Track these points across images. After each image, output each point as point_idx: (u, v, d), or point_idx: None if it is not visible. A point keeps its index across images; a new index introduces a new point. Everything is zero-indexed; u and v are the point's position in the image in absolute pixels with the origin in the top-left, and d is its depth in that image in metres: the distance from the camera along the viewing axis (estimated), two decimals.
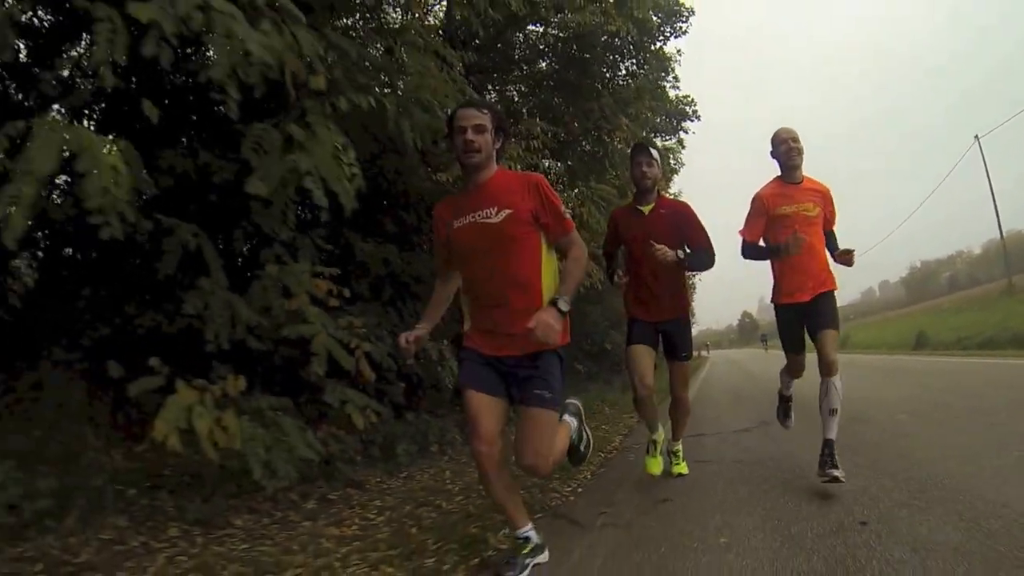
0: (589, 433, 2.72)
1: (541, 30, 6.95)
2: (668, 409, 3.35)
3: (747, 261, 3.07)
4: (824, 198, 3.01)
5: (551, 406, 2.04)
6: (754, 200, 3.03)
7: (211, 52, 2.04)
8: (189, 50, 3.24)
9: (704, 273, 26.57)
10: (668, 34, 7.70)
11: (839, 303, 3.10)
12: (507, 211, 2.00)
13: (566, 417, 2.51)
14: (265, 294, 3.00)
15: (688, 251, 2.92)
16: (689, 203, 3.31)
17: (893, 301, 77.10)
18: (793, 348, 3.16)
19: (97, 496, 2.71)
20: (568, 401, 2.65)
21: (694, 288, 27.01)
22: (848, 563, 1.76)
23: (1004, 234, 24.09)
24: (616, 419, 6.28)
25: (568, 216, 2.15)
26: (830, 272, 3.02)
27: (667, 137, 9.11)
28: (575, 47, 6.48)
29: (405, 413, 4.86)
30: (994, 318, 15.97)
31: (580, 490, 3.22)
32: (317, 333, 2.90)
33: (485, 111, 2.07)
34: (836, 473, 2.52)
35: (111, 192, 1.80)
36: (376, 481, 3.83)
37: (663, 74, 8.02)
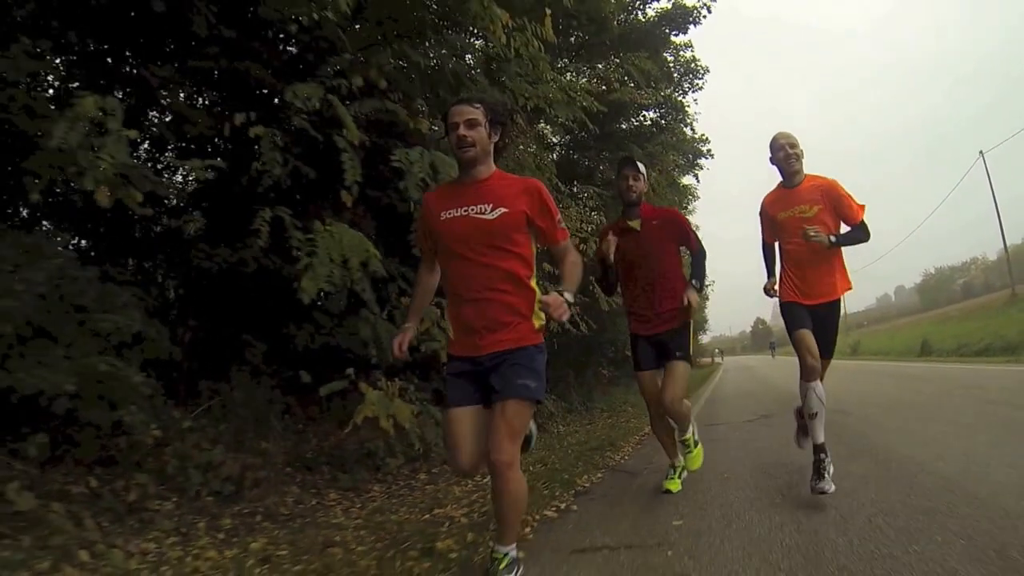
0: (534, 427, 2.65)
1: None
2: (648, 429, 3.48)
3: (760, 265, 3.22)
4: (827, 193, 2.89)
5: (530, 396, 2.00)
6: (760, 209, 3.12)
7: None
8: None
9: (719, 280, 27.03)
10: (686, 88, 8.97)
11: (855, 308, 3.67)
12: (502, 209, 1.99)
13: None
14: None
15: (695, 283, 3.02)
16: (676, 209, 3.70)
17: (908, 307, 77.17)
18: (797, 324, 2.88)
19: (276, 471, 3.70)
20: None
21: (707, 298, 28.04)
22: (799, 482, 3.01)
23: (1022, 241, 24.88)
24: (641, 415, 7.49)
25: (564, 226, 2.16)
26: (836, 278, 2.94)
27: (686, 173, 10.31)
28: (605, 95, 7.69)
29: None
30: (994, 326, 16.76)
31: (627, 458, 4.49)
32: (443, 347, 4.17)
33: (477, 105, 2.05)
34: (826, 487, 2.59)
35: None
36: (440, 473, 5.03)
37: (682, 125, 9.23)
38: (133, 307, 3.10)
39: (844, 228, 2.94)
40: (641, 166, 3.06)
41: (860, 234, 2.91)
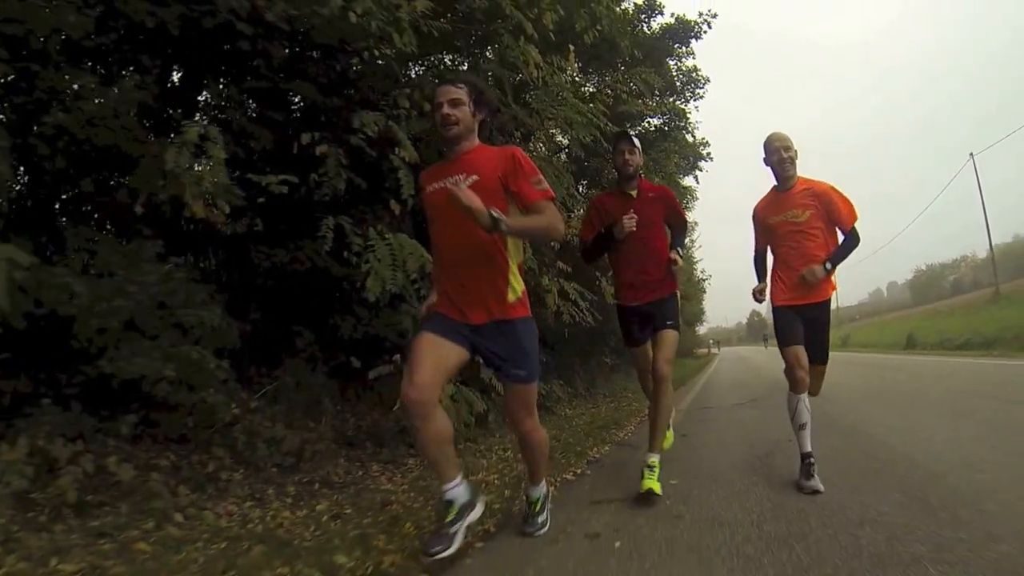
0: (460, 538, 2.24)
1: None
2: (647, 410, 3.32)
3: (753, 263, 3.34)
4: (820, 198, 2.90)
5: (529, 381, 2.21)
6: (752, 214, 3.17)
7: None
8: None
9: (715, 274, 27.59)
10: (688, 97, 9.50)
11: (847, 302, 3.86)
12: (474, 178, 2.06)
13: (464, 481, 2.23)
14: None
15: (679, 250, 3.14)
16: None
17: (899, 302, 78.34)
18: (789, 340, 2.92)
19: (326, 446, 4.23)
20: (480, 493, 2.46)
21: (704, 292, 28.71)
22: (774, 452, 3.61)
23: (1012, 239, 25.59)
24: (640, 399, 8.05)
25: (545, 187, 2.13)
26: (826, 278, 2.96)
27: (687, 175, 10.84)
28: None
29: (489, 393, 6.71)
30: (975, 323, 17.40)
31: (630, 435, 5.10)
32: None
33: (461, 85, 2.13)
34: (815, 485, 2.69)
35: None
36: (481, 438, 5.63)
37: (683, 132, 9.72)
38: (215, 303, 3.62)
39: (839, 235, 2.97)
40: (636, 140, 3.14)
41: (851, 242, 2.94)
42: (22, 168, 3.39)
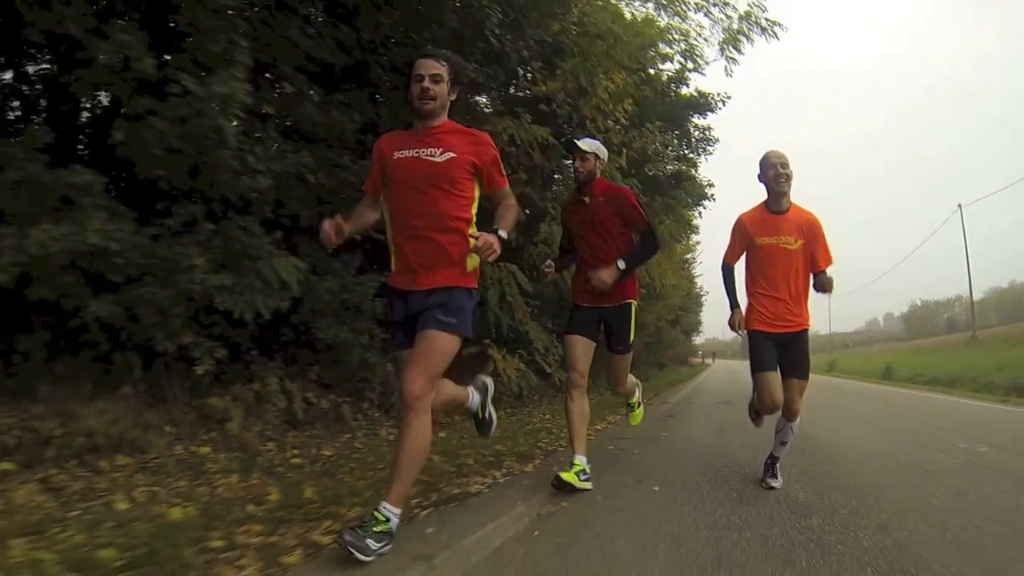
0: (493, 411, 2.82)
1: None
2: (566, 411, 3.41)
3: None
4: (811, 230, 2.94)
5: (452, 331, 2.08)
6: (735, 224, 3.06)
7: None
8: None
9: (711, 287, 28.75)
10: (699, 152, 11.33)
11: (842, 329, 4.80)
12: (451, 154, 2.14)
13: (471, 389, 2.63)
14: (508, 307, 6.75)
15: (623, 263, 2.98)
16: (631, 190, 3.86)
17: (892, 334, 79.76)
18: (763, 365, 2.96)
19: None
20: (480, 376, 2.81)
21: (702, 306, 30.45)
22: (728, 427, 5.57)
23: (1008, 285, 26.92)
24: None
25: (504, 174, 2.28)
26: (805, 309, 2.98)
27: (691, 210, 12.67)
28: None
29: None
30: (947, 362, 18.99)
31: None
32: (532, 329, 6.66)
33: (443, 62, 2.17)
34: (772, 483, 3.05)
35: None
36: (521, 407, 7.59)
37: (693, 180, 11.41)
38: (379, 296, 5.47)
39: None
40: (586, 145, 3.16)
41: (825, 279, 2.98)
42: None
